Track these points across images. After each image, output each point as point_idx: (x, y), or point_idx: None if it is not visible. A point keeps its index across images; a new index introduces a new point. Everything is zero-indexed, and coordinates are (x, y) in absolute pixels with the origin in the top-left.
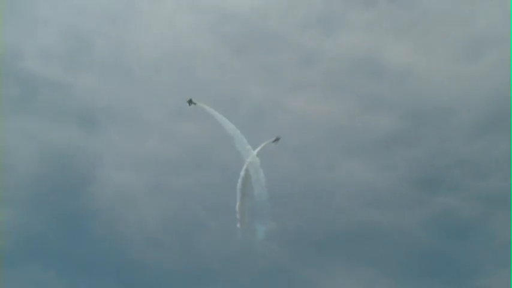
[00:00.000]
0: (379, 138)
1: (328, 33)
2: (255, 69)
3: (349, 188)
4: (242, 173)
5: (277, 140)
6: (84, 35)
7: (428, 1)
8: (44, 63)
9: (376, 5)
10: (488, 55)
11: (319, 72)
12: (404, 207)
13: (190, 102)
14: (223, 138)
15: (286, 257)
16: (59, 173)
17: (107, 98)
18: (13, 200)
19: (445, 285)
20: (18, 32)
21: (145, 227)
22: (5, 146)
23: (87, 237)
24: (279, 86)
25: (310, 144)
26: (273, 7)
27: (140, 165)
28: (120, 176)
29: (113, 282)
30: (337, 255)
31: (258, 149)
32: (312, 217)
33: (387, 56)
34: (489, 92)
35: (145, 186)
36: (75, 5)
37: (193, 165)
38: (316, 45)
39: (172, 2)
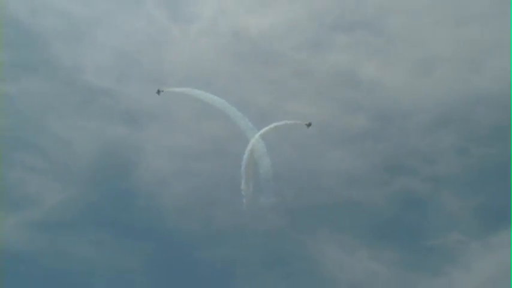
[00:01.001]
0: (356, 134)
1: (318, 53)
2: (261, 80)
3: (333, 171)
4: (245, 156)
5: (309, 124)
6: (130, 55)
7: (392, 29)
8: (99, 76)
9: (353, 32)
10: (438, 70)
11: (310, 82)
12: (373, 186)
13: (158, 91)
14: (237, 133)
15: (283, 224)
16: (111, 160)
17: (147, 102)
18: (78, 180)
19: (405, 245)
20: (81, 52)
21: (176, 200)
22: (71, 140)
23: (133, 208)
24: (280, 93)
25: (303, 137)
26: (275, 32)
27: (172, 154)
28: (157, 162)
29: (151, 241)
30: (322, 223)
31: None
32: (304, 193)
33: (362, 71)
34: (439, 99)
35: (176, 170)
36: (124, 31)
37: (211, 153)
38: (309, 62)
39: (197, 29)
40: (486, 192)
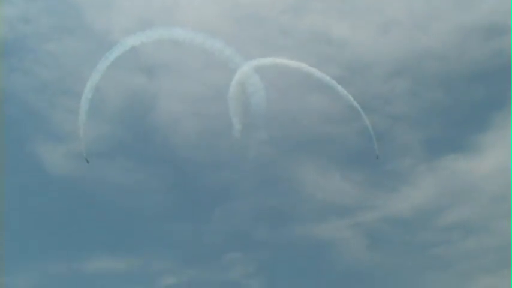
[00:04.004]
0: (329, 82)
1: (298, 16)
2: (254, 38)
3: (312, 112)
4: (233, 89)
5: (377, 157)
6: (149, 19)
7: None
8: (124, 36)
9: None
10: (394, 31)
11: (292, 40)
12: (344, 122)
13: (87, 161)
14: (237, 83)
15: (271, 153)
16: (135, 103)
17: (162, 57)
18: (108, 120)
19: (368, 169)
20: (109, 18)
21: (186, 137)
22: (103, 88)
23: (153, 142)
24: (269, 48)
25: (287, 85)
26: (264, 0)
27: (183, 100)
28: (170, 106)
29: (167, 167)
30: (303, 152)
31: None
32: (289, 130)
33: (334, 31)
34: (395, 53)
35: (186, 113)
36: (143, 1)
37: (217, 99)
38: (291, 23)
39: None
40: (430, 127)
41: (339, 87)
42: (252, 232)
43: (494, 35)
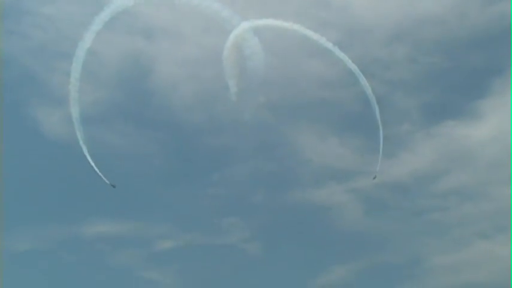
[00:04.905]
0: (328, 45)
1: None
2: (253, 3)
3: (310, 76)
4: (228, 51)
5: (375, 177)
6: None
7: None
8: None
9: None
10: None
11: (291, 4)
12: (342, 87)
13: (113, 186)
14: (232, 45)
15: (269, 117)
16: (132, 67)
17: (161, 20)
18: (106, 84)
19: (366, 134)
20: None
21: (184, 99)
22: (100, 51)
23: (151, 106)
24: (266, 13)
25: (285, 48)
26: None
27: (180, 63)
28: (168, 69)
29: (165, 131)
30: (301, 117)
31: None
32: (287, 94)
33: None
34: (394, 18)
35: (183, 76)
36: None
37: (215, 63)
38: None
39: None
40: (429, 93)
41: (338, 51)
42: (250, 197)
43: (495, 0)
